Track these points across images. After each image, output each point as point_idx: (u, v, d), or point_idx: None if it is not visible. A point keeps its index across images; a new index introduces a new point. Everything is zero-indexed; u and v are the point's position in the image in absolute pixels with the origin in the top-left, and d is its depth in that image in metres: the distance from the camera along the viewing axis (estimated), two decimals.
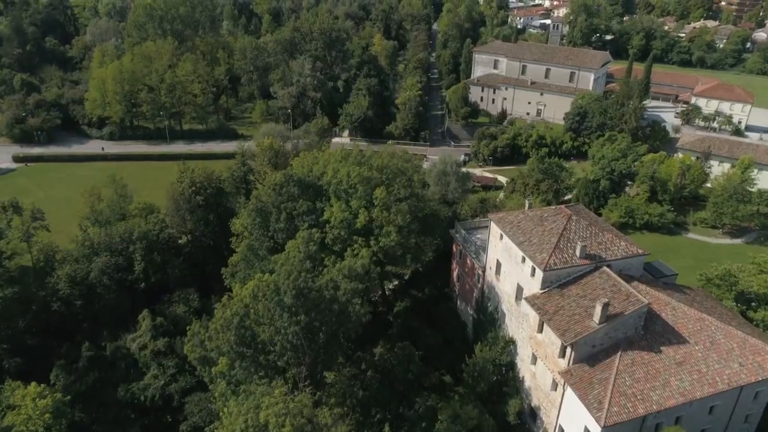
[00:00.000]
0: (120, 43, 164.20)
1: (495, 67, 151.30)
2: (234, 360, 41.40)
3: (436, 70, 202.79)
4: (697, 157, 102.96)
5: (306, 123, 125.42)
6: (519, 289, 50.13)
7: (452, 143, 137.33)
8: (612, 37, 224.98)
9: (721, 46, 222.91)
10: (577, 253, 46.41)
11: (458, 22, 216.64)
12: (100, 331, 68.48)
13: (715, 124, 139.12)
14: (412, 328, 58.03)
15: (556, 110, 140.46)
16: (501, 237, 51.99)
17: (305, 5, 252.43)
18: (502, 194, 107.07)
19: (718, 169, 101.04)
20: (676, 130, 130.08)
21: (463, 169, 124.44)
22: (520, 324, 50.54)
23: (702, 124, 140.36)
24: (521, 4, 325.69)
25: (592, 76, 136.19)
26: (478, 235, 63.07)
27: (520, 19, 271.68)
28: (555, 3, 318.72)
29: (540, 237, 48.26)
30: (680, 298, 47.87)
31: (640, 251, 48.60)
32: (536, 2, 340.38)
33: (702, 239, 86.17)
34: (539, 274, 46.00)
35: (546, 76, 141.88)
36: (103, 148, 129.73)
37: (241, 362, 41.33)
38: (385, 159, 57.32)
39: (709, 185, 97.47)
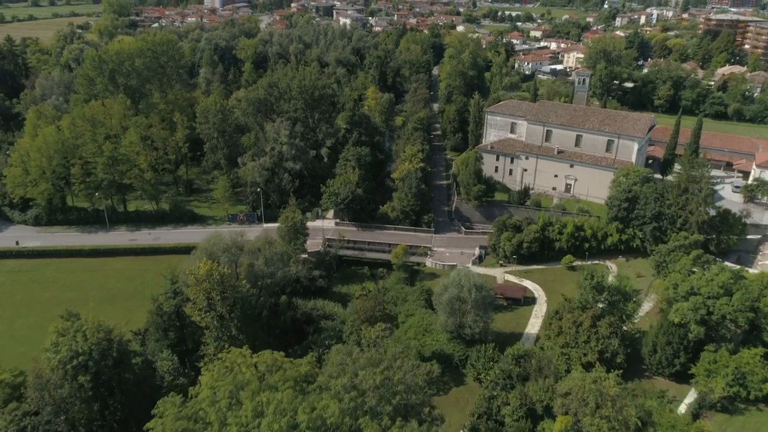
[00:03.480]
0: (61, 103, 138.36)
1: (512, 131, 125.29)
2: None
3: (438, 125, 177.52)
4: None
5: (267, 231, 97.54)
6: None
7: (462, 228, 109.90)
8: (633, 85, 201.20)
9: (756, 95, 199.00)
10: None
11: (462, 70, 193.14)
12: None
13: None
14: None
15: (590, 186, 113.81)
16: None
17: (293, 51, 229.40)
18: (535, 325, 78.87)
19: None
20: (746, 214, 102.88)
21: (479, 269, 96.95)
22: None
23: None
24: (526, 46, 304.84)
25: (636, 146, 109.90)
26: None
27: (527, 64, 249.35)
28: (563, 46, 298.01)
29: None
30: None
31: None
32: (542, 44, 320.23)
33: None
34: None
35: (576, 144, 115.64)
36: (17, 242, 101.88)
37: None
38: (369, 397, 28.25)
39: None
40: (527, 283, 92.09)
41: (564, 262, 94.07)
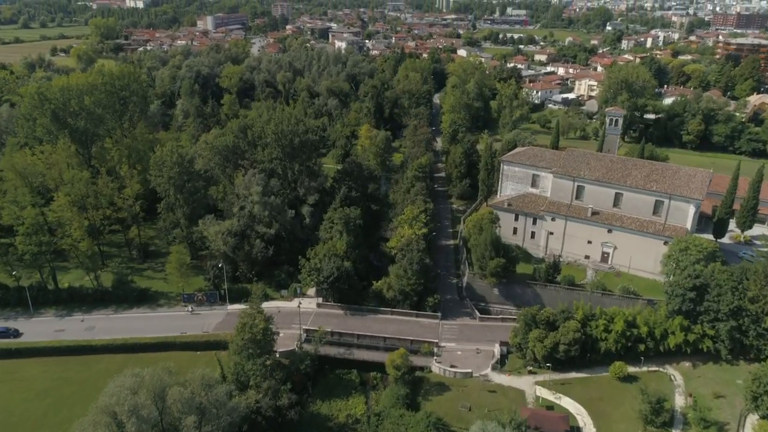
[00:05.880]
0: None
1: (533, 185, 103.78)
2: None
3: (441, 164, 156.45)
4: None
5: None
6: None
7: (477, 313, 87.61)
8: (656, 117, 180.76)
9: None
10: None
11: (467, 102, 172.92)
12: None
13: None
14: None
15: (633, 256, 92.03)
16: None
17: (280, 80, 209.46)
18: None
19: None
20: None
21: (501, 378, 74.52)
22: None
23: None
24: (532, 71, 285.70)
25: (692, 209, 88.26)
26: None
27: (537, 92, 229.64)
28: (572, 71, 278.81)
29: None
30: None
31: None
32: (548, 70, 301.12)
33: None
34: None
35: (615, 204, 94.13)
36: None
37: None
38: None
39: None
40: (566, 402, 69.60)
41: (613, 372, 71.91)
